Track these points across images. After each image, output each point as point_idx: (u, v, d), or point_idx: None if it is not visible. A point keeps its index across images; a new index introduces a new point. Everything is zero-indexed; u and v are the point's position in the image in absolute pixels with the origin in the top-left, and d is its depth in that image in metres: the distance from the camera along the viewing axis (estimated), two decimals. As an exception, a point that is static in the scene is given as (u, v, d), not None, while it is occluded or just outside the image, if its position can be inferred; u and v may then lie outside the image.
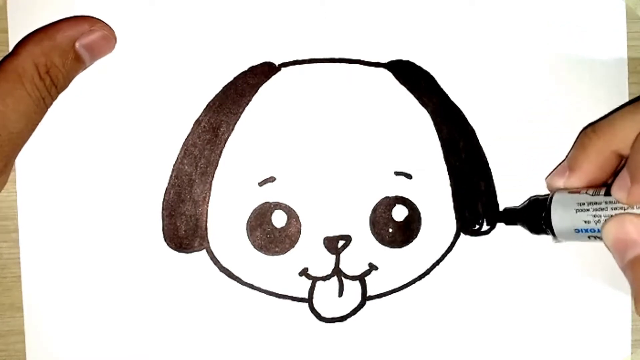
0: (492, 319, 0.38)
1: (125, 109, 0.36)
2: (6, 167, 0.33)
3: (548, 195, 0.35)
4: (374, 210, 0.37)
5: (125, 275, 0.36)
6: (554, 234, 0.34)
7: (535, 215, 0.35)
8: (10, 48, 0.34)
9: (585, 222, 0.32)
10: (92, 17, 0.34)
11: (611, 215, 0.31)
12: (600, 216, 0.32)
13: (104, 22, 0.34)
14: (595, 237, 0.32)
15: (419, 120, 0.37)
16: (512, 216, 0.37)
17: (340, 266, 0.37)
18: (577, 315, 0.38)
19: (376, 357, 0.37)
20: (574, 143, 0.37)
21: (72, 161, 0.35)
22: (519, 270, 0.38)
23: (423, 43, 0.37)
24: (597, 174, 0.34)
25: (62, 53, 0.32)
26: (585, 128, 0.37)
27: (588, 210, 0.32)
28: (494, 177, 0.38)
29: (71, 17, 0.34)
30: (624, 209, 0.31)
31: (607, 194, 0.32)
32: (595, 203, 0.32)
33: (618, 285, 0.37)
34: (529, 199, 0.37)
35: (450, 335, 0.38)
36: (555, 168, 0.37)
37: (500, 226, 0.38)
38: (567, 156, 0.37)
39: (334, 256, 0.37)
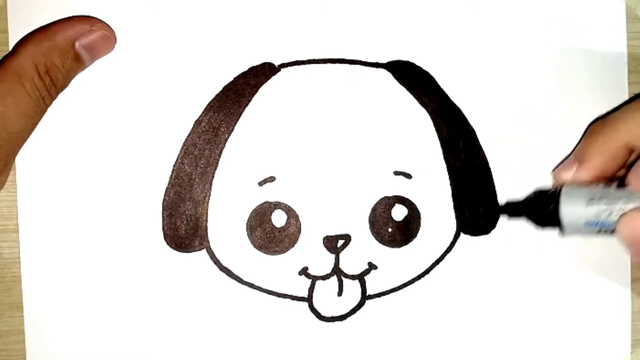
0: (492, 318, 0.38)
1: (125, 109, 0.36)
2: (6, 166, 0.33)
3: (552, 188, 0.34)
4: (374, 209, 0.37)
5: (126, 275, 0.36)
6: (561, 228, 0.33)
7: (541, 209, 0.34)
8: (10, 48, 0.34)
9: (597, 215, 0.32)
10: (92, 17, 0.34)
11: (623, 209, 0.31)
12: (612, 210, 0.31)
13: (103, 22, 0.34)
14: (605, 231, 0.32)
15: (419, 120, 0.37)
16: (515, 209, 0.36)
17: (340, 265, 0.37)
18: (577, 315, 0.38)
19: (376, 356, 0.38)
20: (582, 137, 0.36)
21: (72, 161, 0.35)
22: (519, 270, 0.38)
23: (423, 43, 0.37)
24: (607, 167, 0.33)
25: (61, 53, 0.32)
26: (592, 122, 0.36)
27: (599, 203, 0.31)
28: (494, 177, 0.38)
29: (71, 17, 0.34)
30: (637, 203, 0.30)
31: (620, 186, 0.31)
32: (608, 196, 0.31)
33: (617, 286, 0.37)
34: (534, 191, 0.36)
35: (450, 334, 0.38)
36: (562, 161, 0.37)
37: (500, 226, 0.38)
38: (573, 150, 0.37)
39: (333, 255, 0.37)
